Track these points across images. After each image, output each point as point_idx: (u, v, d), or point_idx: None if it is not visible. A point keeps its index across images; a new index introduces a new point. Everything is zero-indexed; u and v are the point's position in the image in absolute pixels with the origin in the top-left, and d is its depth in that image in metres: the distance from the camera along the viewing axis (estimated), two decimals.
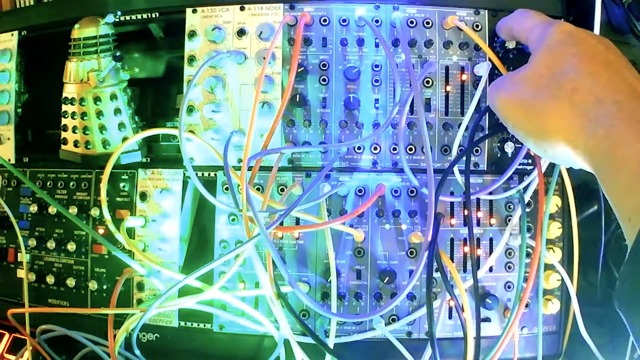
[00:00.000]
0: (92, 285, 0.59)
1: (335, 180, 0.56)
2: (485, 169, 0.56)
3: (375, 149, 0.55)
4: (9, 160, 0.64)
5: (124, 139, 0.58)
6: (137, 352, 0.56)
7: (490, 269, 0.55)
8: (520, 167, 0.54)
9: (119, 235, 0.56)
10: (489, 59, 0.54)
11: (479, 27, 0.55)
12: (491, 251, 0.55)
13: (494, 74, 0.55)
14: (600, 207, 0.58)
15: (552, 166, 0.53)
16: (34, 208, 0.62)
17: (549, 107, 0.37)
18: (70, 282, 0.60)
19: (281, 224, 0.51)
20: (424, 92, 0.55)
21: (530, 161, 0.55)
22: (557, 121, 0.37)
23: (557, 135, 0.37)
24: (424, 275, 0.51)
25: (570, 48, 0.38)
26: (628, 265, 0.29)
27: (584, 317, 0.54)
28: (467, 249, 0.55)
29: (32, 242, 0.62)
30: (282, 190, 0.56)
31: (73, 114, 0.57)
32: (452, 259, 0.55)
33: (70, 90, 0.57)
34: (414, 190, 0.55)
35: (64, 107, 0.58)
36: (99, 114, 0.56)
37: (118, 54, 0.56)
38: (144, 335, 0.58)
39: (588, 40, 0.38)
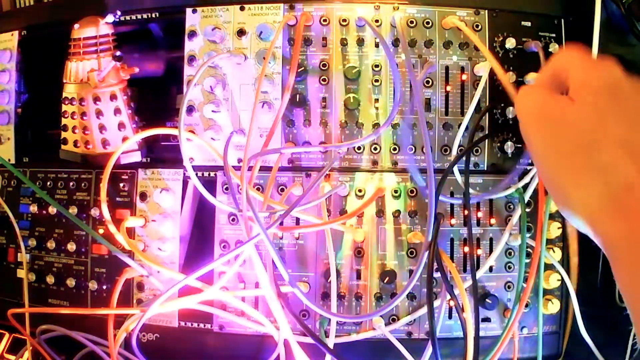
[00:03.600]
0: (92, 285, 0.59)
1: (335, 180, 0.56)
2: (485, 169, 0.56)
3: (375, 149, 0.55)
4: (9, 160, 0.64)
5: (124, 139, 0.58)
6: (137, 352, 0.56)
7: (490, 269, 0.55)
8: (520, 167, 0.54)
9: (119, 236, 0.56)
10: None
11: (479, 27, 0.55)
12: (491, 251, 0.55)
13: (493, 74, 0.55)
14: None
15: None
16: (34, 208, 0.62)
17: (582, 179, 0.34)
18: (70, 282, 0.60)
19: (281, 224, 0.51)
20: (424, 92, 0.55)
21: (530, 161, 0.55)
22: (586, 199, 0.34)
23: (583, 213, 0.34)
24: (424, 276, 0.51)
25: (615, 98, 0.35)
26: None
27: (584, 317, 0.54)
28: (467, 249, 0.55)
29: (32, 242, 0.62)
30: (282, 190, 0.56)
31: (73, 114, 0.57)
32: (452, 259, 0.55)
33: (70, 90, 0.57)
34: (414, 190, 0.55)
35: (64, 107, 0.58)
36: (99, 113, 0.56)
37: (118, 54, 0.56)
38: (144, 335, 0.58)
39: (630, 96, 0.35)
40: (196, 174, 0.55)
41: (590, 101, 0.35)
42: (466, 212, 0.54)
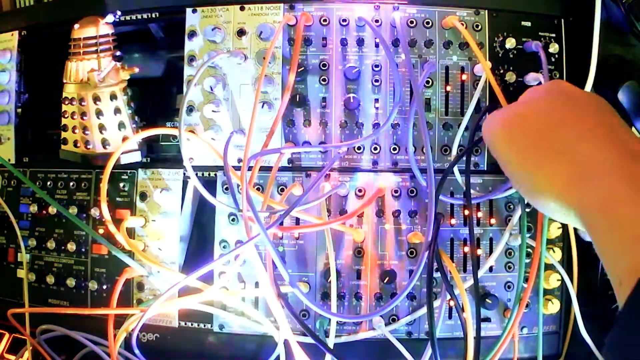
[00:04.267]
0: (92, 285, 0.59)
1: (335, 180, 0.56)
2: (485, 169, 0.56)
3: (375, 149, 0.55)
4: (9, 160, 0.64)
5: (124, 139, 0.58)
6: (137, 352, 0.56)
7: (490, 269, 0.55)
8: None
9: (119, 236, 0.56)
10: (489, 59, 0.54)
11: (479, 27, 0.55)
12: (491, 251, 0.55)
13: (493, 74, 0.55)
14: None
15: None
16: (34, 208, 0.62)
17: (545, 162, 0.37)
18: (70, 282, 0.60)
19: (281, 224, 0.51)
20: (424, 92, 0.55)
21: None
22: (553, 178, 0.36)
23: (551, 191, 0.36)
24: (424, 276, 0.51)
25: (570, 100, 0.39)
26: (616, 329, 0.28)
27: (584, 317, 0.54)
28: (467, 249, 0.55)
29: (32, 242, 0.62)
30: (282, 190, 0.56)
31: (73, 114, 0.57)
32: (452, 259, 0.55)
33: (70, 90, 0.57)
34: (414, 190, 0.55)
35: (64, 107, 0.58)
36: (99, 113, 0.56)
37: (118, 54, 0.56)
38: (144, 335, 0.58)
39: (584, 98, 0.39)
40: (196, 174, 0.55)
41: (545, 99, 0.40)
42: (466, 212, 0.54)
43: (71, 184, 0.61)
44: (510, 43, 0.55)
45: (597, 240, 0.33)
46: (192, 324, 0.58)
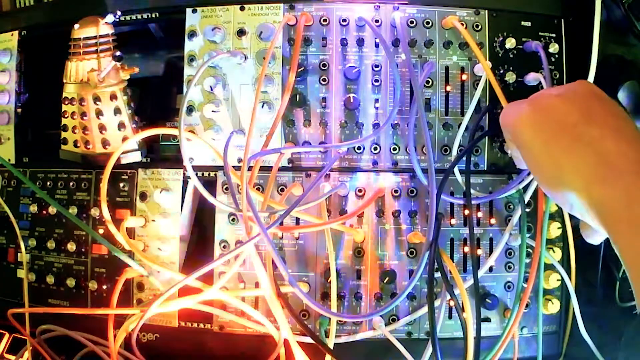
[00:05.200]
0: (92, 285, 0.59)
1: (335, 180, 0.56)
2: (485, 169, 0.56)
3: (375, 149, 0.55)
4: (9, 160, 0.64)
5: (124, 139, 0.58)
6: (137, 352, 0.56)
7: (490, 269, 0.55)
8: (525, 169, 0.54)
9: (119, 236, 0.56)
10: (489, 59, 0.54)
11: (479, 27, 0.55)
12: (491, 251, 0.55)
13: (493, 74, 0.55)
14: None
15: None
16: (34, 208, 0.62)
17: (571, 152, 0.37)
18: (70, 282, 0.60)
19: (281, 224, 0.51)
20: (424, 92, 0.55)
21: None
22: (577, 168, 0.36)
23: (575, 181, 0.36)
24: (424, 276, 0.51)
25: (600, 100, 0.39)
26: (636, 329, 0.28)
27: (584, 317, 0.54)
28: (467, 249, 0.55)
29: (32, 242, 0.62)
30: (282, 190, 0.56)
31: (73, 114, 0.57)
32: (451, 258, 0.55)
33: (70, 90, 0.57)
34: (414, 190, 0.55)
35: (64, 107, 0.58)
36: (99, 113, 0.56)
37: (118, 54, 0.56)
38: (144, 335, 0.58)
39: (611, 101, 0.39)
40: (196, 174, 0.55)
41: (577, 93, 0.40)
42: (467, 212, 0.54)
43: (71, 184, 0.61)
44: (510, 43, 0.55)
45: (618, 238, 0.33)
46: (192, 324, 0.58)
